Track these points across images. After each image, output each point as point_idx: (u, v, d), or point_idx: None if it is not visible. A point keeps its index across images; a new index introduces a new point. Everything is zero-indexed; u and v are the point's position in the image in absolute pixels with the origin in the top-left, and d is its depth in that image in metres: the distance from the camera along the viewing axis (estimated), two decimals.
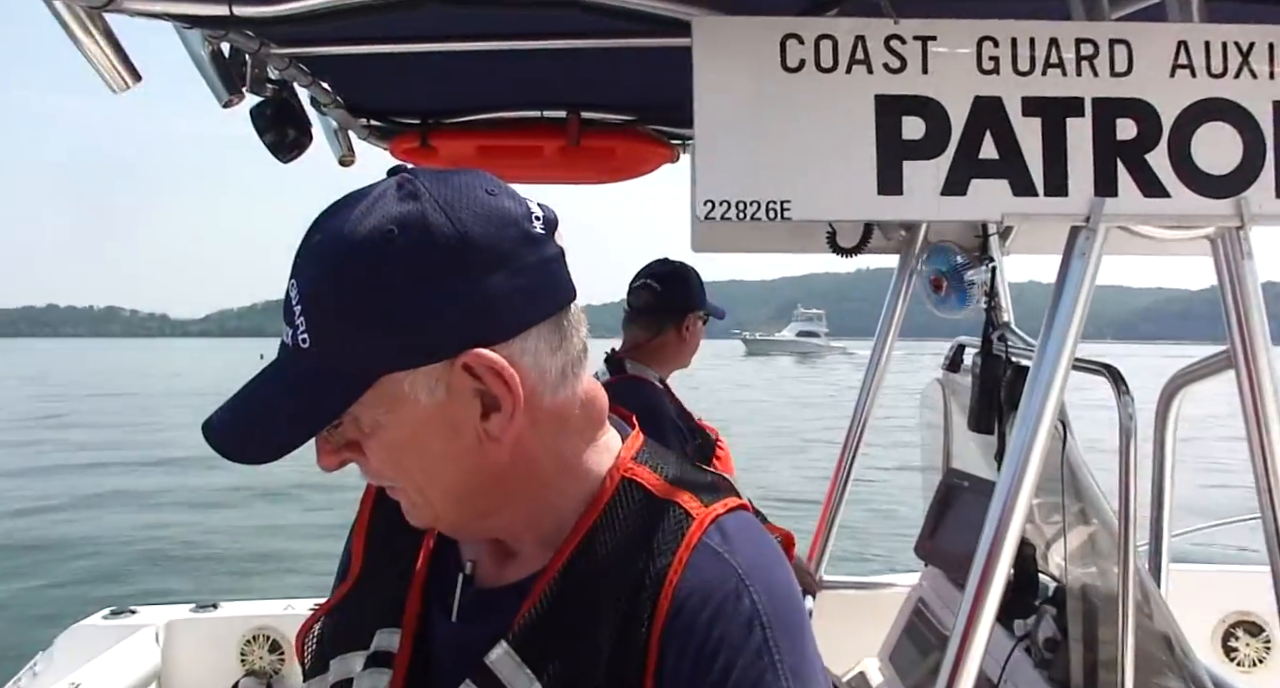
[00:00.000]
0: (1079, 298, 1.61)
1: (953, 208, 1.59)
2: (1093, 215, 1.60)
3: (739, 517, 0.91)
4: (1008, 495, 1.60)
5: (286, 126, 2.22)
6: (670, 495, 0.90)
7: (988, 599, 1.60)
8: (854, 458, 2.92)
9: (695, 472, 0.97)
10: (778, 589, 0.86)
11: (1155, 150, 1.61)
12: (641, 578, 0.84)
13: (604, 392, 0.96)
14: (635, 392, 2.68)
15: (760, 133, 1.57)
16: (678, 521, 0.88)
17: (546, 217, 0.86)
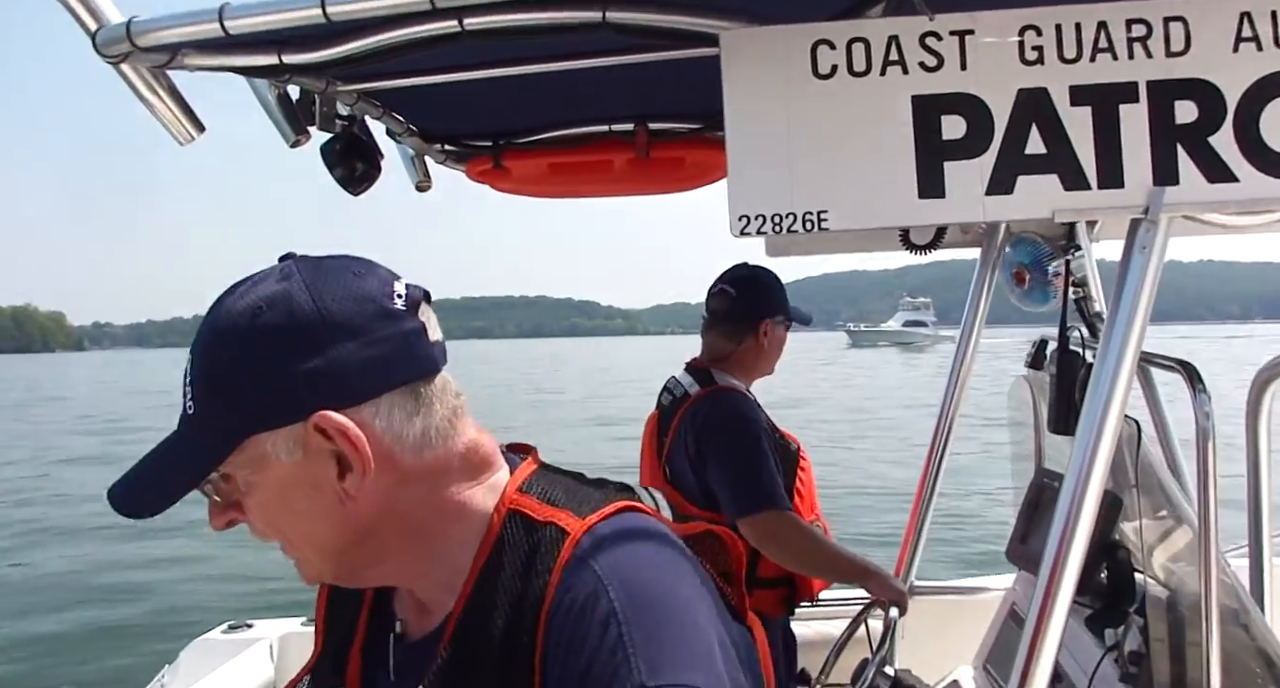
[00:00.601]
0: (1141, 293, 1.53)
1: (999, 208, 1.54)
2: (1152, 206, 1.52)
3: (618, 519, 0.95)
4: (1072, 501, 1.53)
5: (355, 160, 2.29)
6: (550, 517, 0.95)
7: (1053, 614, 1.53)
8: (941, 459, 2.84)
9: (587, 487, 1.02)
10: (639, 584, 0.89)
11: (1219, 132, 1.51)
12: (523, 606, 0.90)
13: (489, 438, 1.02)
14: (729, 403, 2.71)
15: (794, 143, 1.55)
16: (554, 540, 0.93)
17: (409, 295, 0.95)
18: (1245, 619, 1.77)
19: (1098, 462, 1.53)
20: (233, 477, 0.92)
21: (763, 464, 2.59)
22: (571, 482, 1.03)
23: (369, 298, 0.92)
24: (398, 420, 0.93)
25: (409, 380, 0.93)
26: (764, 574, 2.64)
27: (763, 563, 2.62)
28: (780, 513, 2.56)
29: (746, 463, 2.61)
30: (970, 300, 2.75)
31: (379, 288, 0.94)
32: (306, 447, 0.90)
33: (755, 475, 2.59)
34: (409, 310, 0.95)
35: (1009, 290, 2.50)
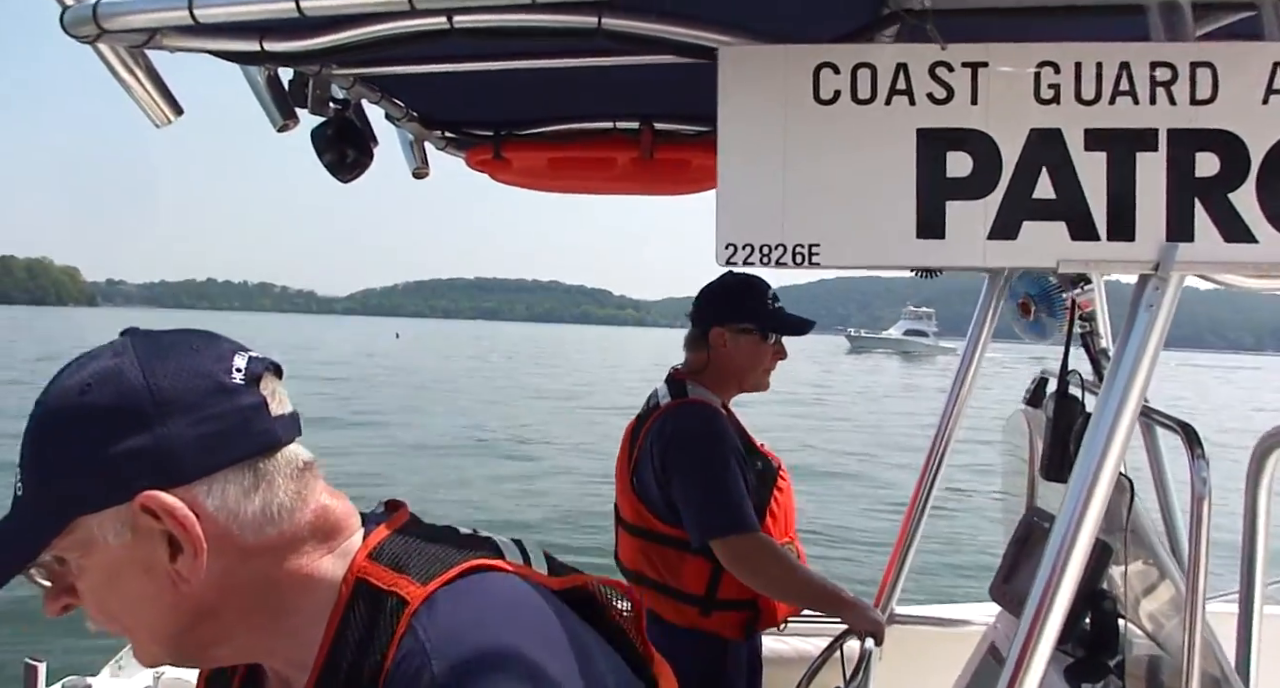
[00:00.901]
0: (1146, 351, 1.45)
1: (1001, 253, 1.45)
2: (1163, 262, 1.43)
3: (463, 582, 0.92)
4: (1059, 552, 1.45)
5: (346, 147, 2.22)
6: (393, 586, 0.91)
7: (1031, 665, 1.46)
8: (932, 485, 2.76)
9: (445, 546, 0.97)
10: (467, 652, 0.86)
11: (1241, 189, 1.42)
12: (366, 680, 0.88)
13: (340, 505, 0.99)
14: (694, 418, 2.61)
15: (788, 171, 1.46)
16: (394, 611, 0.89)
17: (249, 369, 0.91)
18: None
19: (1088, 516, 1.45)
20: (66, 560, 0.89)
21: (730, 483, 2.49)
22: (430, 541, 0.99)
23: (204, 373, 0.90)
24: (233, 498, 0.89)
25: (245, 457, 0.90)
26: (725, 596, 2.56)
27: (724, 585, 2.54)
28: (751, 536, 2.46)
29: (712, 482, 2.51)
30: (973, 328, 2.66)
31: (215, 363, 0.91)
32: (135, 528, 0.87)
33: (722, 496, 2.48)
34: (247, 385, 0.91)
35: (1013, 321, 2.41)
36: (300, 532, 0.94)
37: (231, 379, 0.91)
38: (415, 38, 1.59)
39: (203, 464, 0.88)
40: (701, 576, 2.54)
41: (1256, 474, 1.83)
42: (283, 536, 0.92)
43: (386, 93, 2.41)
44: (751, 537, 2.45)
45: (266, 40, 1.63)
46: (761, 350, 2.72)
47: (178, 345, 0.92)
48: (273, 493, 0.92)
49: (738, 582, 2.50)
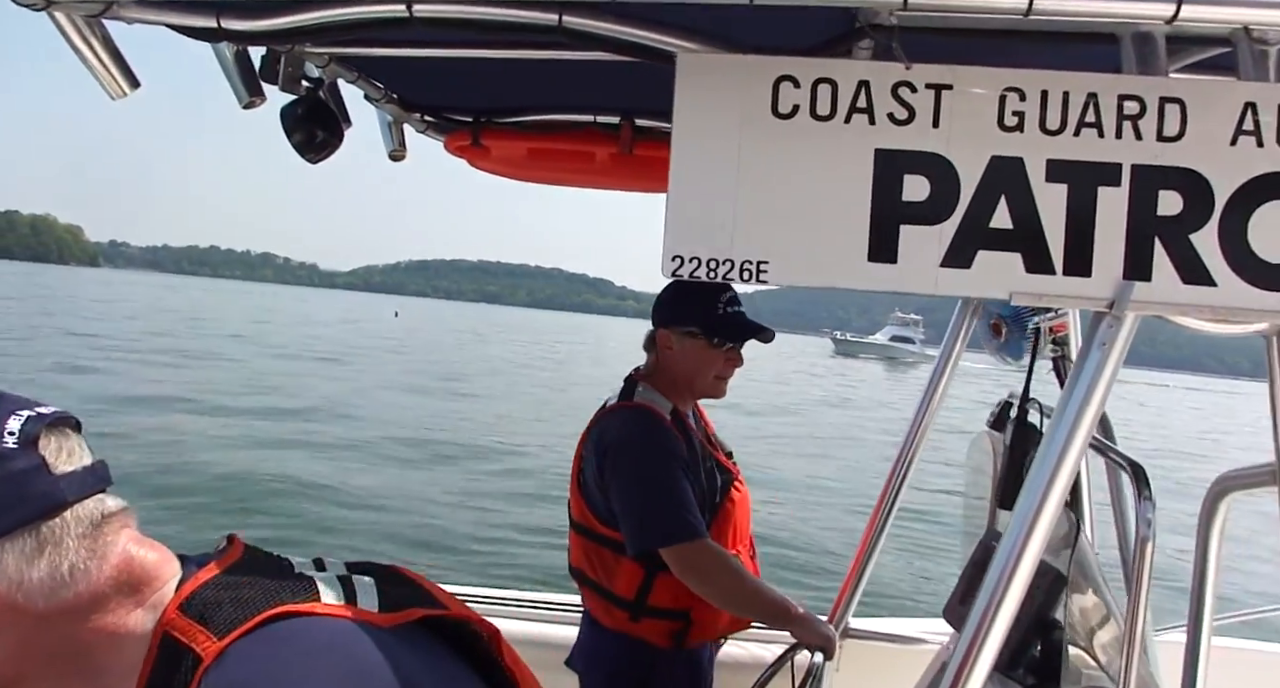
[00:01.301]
0: (1096, 391, 1.41)
1: (953, 281, 1.42)
2: (1118, 301, 1.40)
3: (260, 633, 0.89)
4: (999, 578, 1.43)
5: (316, 127, 2.18)
6: (191, 641, 0.89)
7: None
8: (895, 499, 2.73)
9: (262, 590, 0.94)
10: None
11: (1203, 230, 1.39)
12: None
13: (150, 555, 0.95)
14: (630, 423, 2.57)
15: (741, 184, 1.43)
16: (189, 669, 0.87)
17: (23, 431, 0.87)
18: None
19: (1030, 545, 1.42)
20: None
21: (671, 488, 2.43)
22: (247, 585, 0.96)
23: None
24: (13, 566, 0.86)
25: (21, 523, 0.87)
26: (655, 604, 2.51)
27: (656, 592, 2.50)
28: (699, 543, 2.41)
29: (652, 489, 2.46)
30: (946, 342, 2.62)
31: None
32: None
33: (663, 502, 2.43)
34: (22, 448, 0.88)
35: (985, 342, 2.38)
36: (102, 589, 0.91)
37: (3, 443, 0.87)
38: (375, 24, 1.56)
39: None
40: (634, 581, 2.51)
41: (1209, 517, 1.80)
42: (80, 597, 0.89)
43: (364, 73, 2.37)
44: (699, 544, 2.41)
45: (224, 18, 1.59)
46: (709, 355, 2.62)
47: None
48: (61, 555, 0.88)
49: (671, 591, 2.47)
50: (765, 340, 2.64)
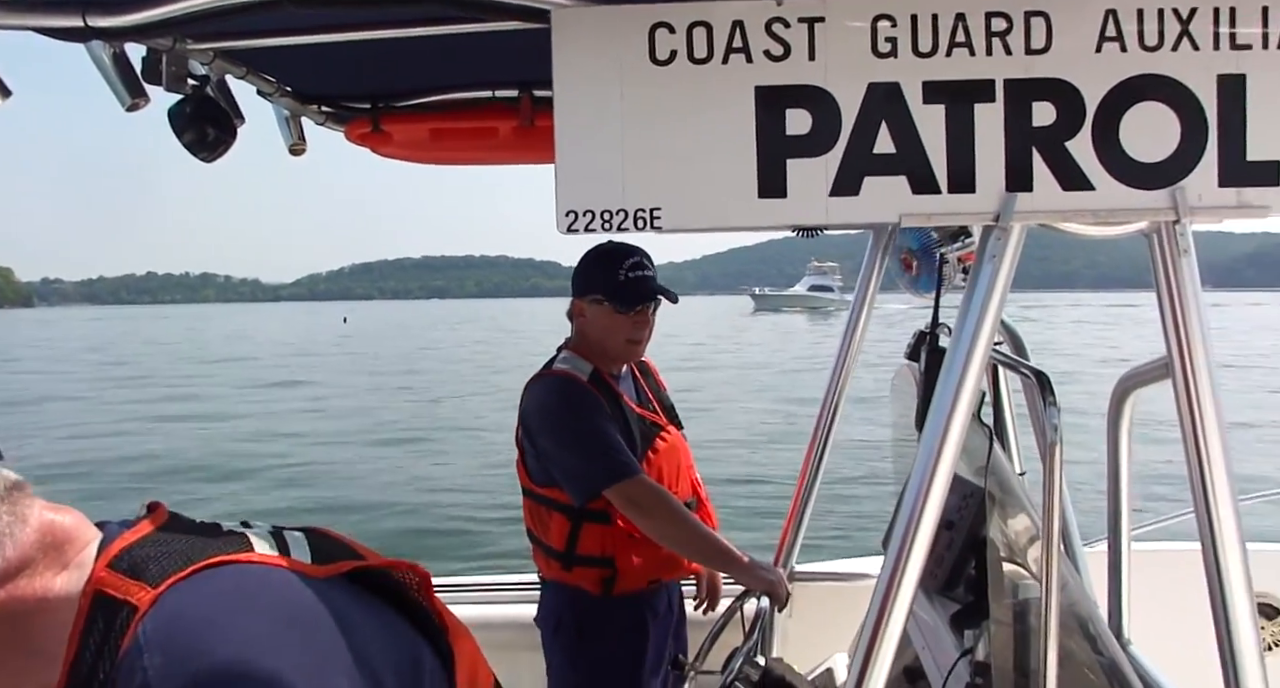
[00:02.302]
0: (991, 302, 1.46)
1: (844, 210, 1.45)
2: (1003, 213, 1.44)
3: (189, 581, 0.90)
4: (916, 499, 1.47)
5: (206, 125, 2.14)
6: (126, 594, 0.89)
7: (892, 615, 1.48)
8: (826, 441, 2.77)
9: (194, 546, 0.95)
10: (183, 647, 0.84)
11: (1077, 137, 1.43)
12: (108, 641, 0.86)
13: (67, 519, 0.95)
14: (546, 390, 2.70)
15: (627, 135, 1.44)
16: (125, 619, 0.87)
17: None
18: (1093, 630, 1.74)
19: (943, 458, 1.47)
20: None
21: (599, 437, 2.56)
22: (179, 542, 0.96)
23: None
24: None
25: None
26: (582, 552, 2.66)
27: (582, 542, 2.64)
28: (637, 480, 2.54)
29: (581, 442, 2.58)
30: (860, 284, 2.66)
31: None
32: None
33: (594, 450, 2.55)
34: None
35: (897, 276, 2.43)
36: (27, 553, 0.90)
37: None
38: (246, 9, 1.54)
39: None
40: (563, 532, 2.66)
41: (1116, 415, 1.86)
42: (9, 563, 0.89)
43: (252, 68, 2.34)
44: (636, 480, 2.54)
45: (90, 15, 1.55)
46: (616, 321, 2.70)
47: None
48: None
49: (597, 540, 2.63)
50: (672, 301, 2.77)
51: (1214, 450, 1.43)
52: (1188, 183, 1.43)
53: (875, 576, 2.81)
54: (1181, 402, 1.45)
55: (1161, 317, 1.47)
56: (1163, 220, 1.44)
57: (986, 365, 1.48)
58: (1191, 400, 1.44)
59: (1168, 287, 1.46)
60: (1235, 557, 1.42)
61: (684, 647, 2.83)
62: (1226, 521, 1.42)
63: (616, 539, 2.62)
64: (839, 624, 2.64)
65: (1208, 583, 1.46)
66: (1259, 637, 1.47)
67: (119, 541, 0.96)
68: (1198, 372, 1.44)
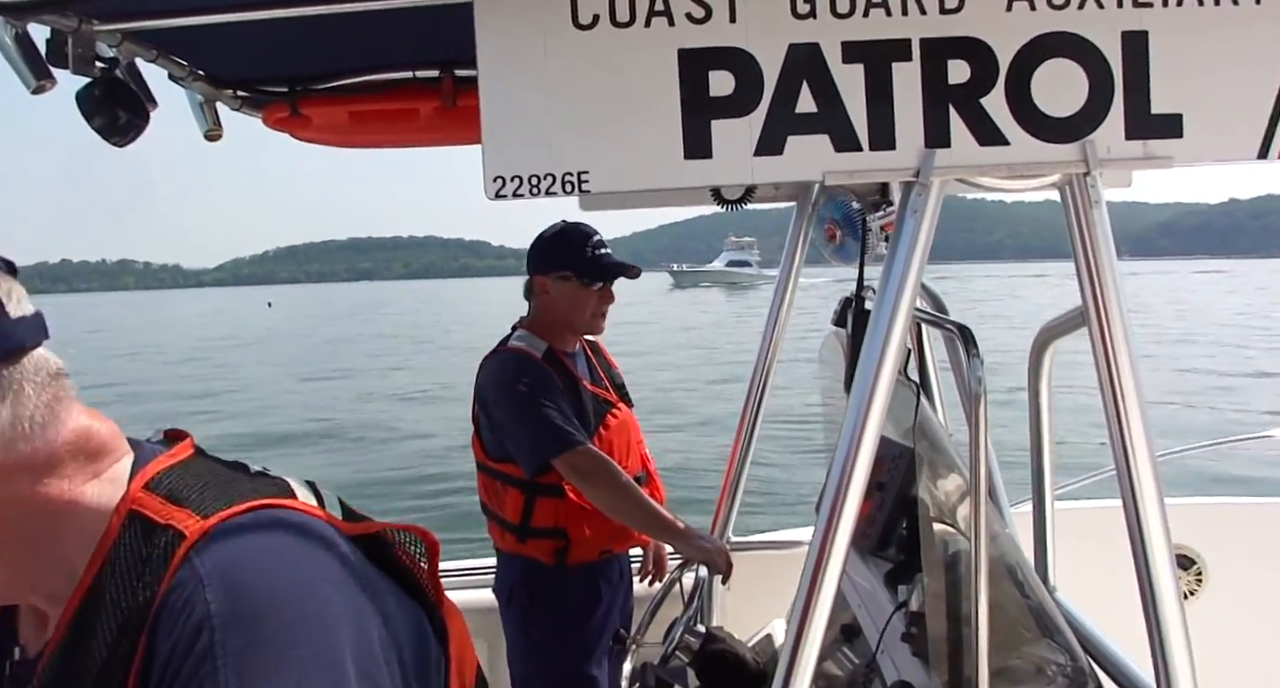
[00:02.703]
0: (914, 256, 1.50)
1: (768, 169, 1.47)
2: (923, 169, 1.48)
3: (246, 517, 0.87)
4: (845, 458, 1.51)
5: (117, 109, 2.08)
6: (170, 519, 0.86)
7: (826, 571, 1.51)
8: (758, 412, 2.82)
9: (234, 482, 0.92)
10: (248, 585, 0.81)
11: (991, 94, 1.48)
12: (131, 614, 0.82)
13: (104, 427, 0.92)
14: (501, 366, 2.77)
15: (551, 99, 1.44)
16: (169, 544, 0.84)
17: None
18: (1020, 577, 1.80)
19: (871, 415, 1.50)
20: None
21: (549, 411, 2.64)
22: (218, 476, 0.93)
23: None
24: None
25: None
26: (537, 524, 2.73)
27: (536, 515, 2.72)
28: (584, 450, 2.62)
29: (532, 416, 2.65)
30: (785, 254, 2.71)
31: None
32: None
33: (544, 423, 2.63)
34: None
35: (821, 246, 2.47)
36: (57, 451, 0.86)
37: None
38: None
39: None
40: (518, 505, 2.73)
41: (1036, 367, 1.92)
42: (37, 453, 0.85)
43: (163, 50, 2.28)
44: (584, 449, 2.62)
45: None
46: (583, 296, 2.82)
47: None
48: (21, 405, 0.84)
49: (550, 513, 2.69)
50: (632, 277, 2.88)
51: (1129, 392, 1.49)
52: (1096, 136, 1.48)
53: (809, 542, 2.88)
54: (1098, 347, 1.51)
55: (1076, 267, 1.52)
56: (1074, 173, 1.50)
57: (911, 321, 1.52)
58: (1107, 346, 1.50)
59: (1081, 237, 1.51)
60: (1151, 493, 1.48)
61: (629, 620, 2.87)
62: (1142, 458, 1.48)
63: (569, 512, 2.69)
64: (776, 591, 2.67)
65: (1128, 529, 1.52)
66: (1178, 585, 1.53)
67: (155, 463, 0.92)
68: (1112, 318, 1.50)
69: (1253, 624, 2.89)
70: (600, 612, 2.79)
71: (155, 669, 0.78)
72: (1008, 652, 1.68)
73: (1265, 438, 5.11)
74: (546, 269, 2.84)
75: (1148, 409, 1.50)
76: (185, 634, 0.78)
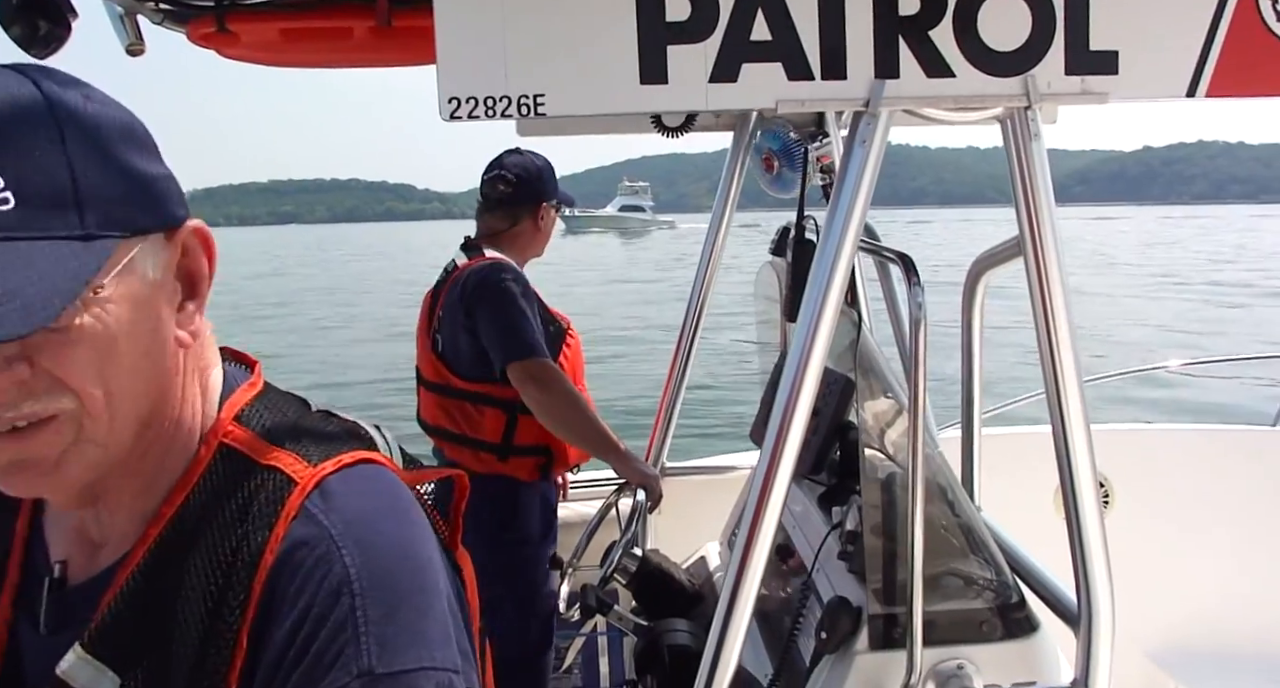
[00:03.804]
0: (861, 185, 1.54)
1: (722, 96, 1.49)
2: (873, 99, 1.51)
3: (355, 471, 0.83)
4: (792, 383, 1.55)
5: (37, 17, 1.99)
6: (273, 460, 0.81)
7: (774, 487, 1.56)
8: (693, 341, 2.88)
9: (314, 423, 0.88)
10: (381, 548, 0.78)
11: (939, 27, 1.51)
12: (235, 559, 0.76)
13: (209, 330, 0.86)
14: (496, 270, 2.78)
15: (508, 21, 1.43)
16: (278, 489, 0.79)
17: None
18: (951, 496, 1.89)
19: (817, 342, 1.55)
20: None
21: (527, 321, 2.70)
22: (296, 414, 0.88)
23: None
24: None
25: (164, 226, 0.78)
26: (520, 441, 2.77)
27: (520, 430, 2.76)
28: (544, 362, 2.67)
29: (513, 318, 2.70)
30: (722, 185, 2.74)
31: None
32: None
33: (520, 328, 2.69)
34: None
35: (759, 176, 2.50)
36: (199, 329, 0.82)
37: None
38: None
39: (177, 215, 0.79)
40: (498, 425, 2.77)
41: (970, 296, 1.99)
42: (194, 335, 0.81)
43: None
44: (544, 362, 2.67)
45: None
46: (554, 222, 3.07)
47: None
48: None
49: (532, 431, 2.74)
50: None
51: (1060, 317, 1.57)
52: (1038, 71, 1.53)
53: (742, 467, 2.97)
54: (1032, 275, 1.57)
55: (1014, 198, 1.58)
56: (1016, 106, 1.54)
57: (857, 249, 1.56)
58: (1041, 273, 1.56)
59: (1020, 168, 1.56)
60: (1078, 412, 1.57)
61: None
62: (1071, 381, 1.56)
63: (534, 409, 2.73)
64: (709, 516, 2.76)
65: (1055, 448, 1.61)
66: (1100, 503, 1.63)
67: (241, 392, 0.87)
68: (1046, 248, 1.56)
69: (1152, 540, 3.08)
70: (552, 530, 2.87)
71: (280, 626, 0.75)
72: (939, 566, 1.76)
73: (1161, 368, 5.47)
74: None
75: (1077, 335, 1.58)
76: (323, 596, 0.74)
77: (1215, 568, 3.33)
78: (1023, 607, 1.77)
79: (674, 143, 2.47)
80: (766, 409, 2.52)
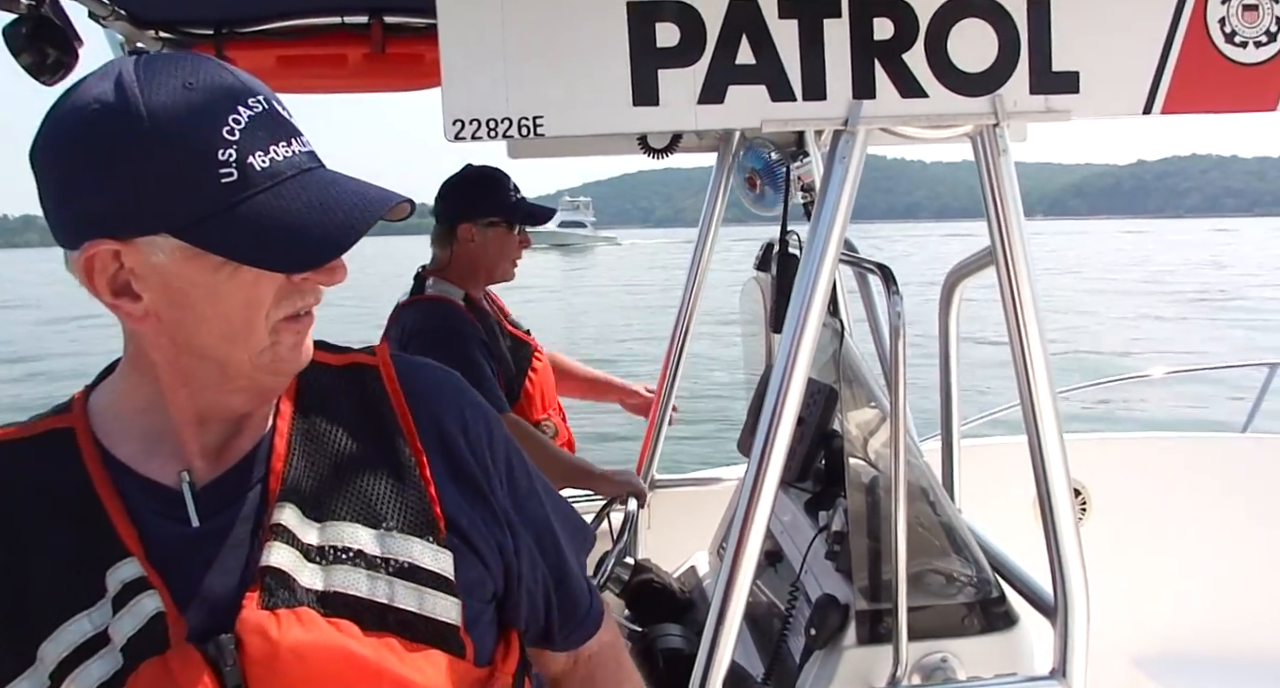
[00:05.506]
0: (841, 201, 1.62)
1: (710, 116, 1.58)
2: (851, 118, 1.60)
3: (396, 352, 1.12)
4: (778, 393, 1.63)
5: (45, 46, 2.06)
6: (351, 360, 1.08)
7: (762, 494, 1.63)
8: (680, 356, 2.95)
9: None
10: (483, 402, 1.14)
11: (912, 50, 1.60)
12: (384, 429, 1.00)
13: None
14: (428, 315, 2.70)
15: (509, 46, 1.52)
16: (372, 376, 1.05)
17: None
18: (932, 498, 1.96)
19: (801, 352, 1.63)
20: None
21: (472, 373, 2.49)
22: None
23: None
24: None
25: None
26: None
27: None
28: (504, 416, 2.59)
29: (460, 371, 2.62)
30: (707, 204, 2.84)
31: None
32: None
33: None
34: None
35: (742, 195, 2.59)
36: None
37: None
38: None
39: None
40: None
41: (946, 304, 2.08)
42: None
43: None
44: (507, 417, 2.60)
45: None
46: (510, 242, 2.80)
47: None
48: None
49: None
50: (548, 219, 2.92)
51: (1030, 323, 1.66)
52: (1004, 91, 1.63)
53: (729, 479, 3.03)
54: (1004, 283, 1.66)
55: (985, 210, 1.67)
56: (985, 124, 1.64)
57: (838, 262, 1.65)
58: (1012, 282, 1.65)
59: (990, 182, 1.66)
60: (1051, 421, 1.65)
61: None
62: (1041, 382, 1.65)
63: None
64: (698, 527, 2.83)
65: (1030, 455, 1.69)
66: (1073, 500, 1.71)
67: None
68: (1016, 257, 1.65)
69: (1130, 547, 3.17)
70: None
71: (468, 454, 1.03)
72: (922, 564, 1.84)
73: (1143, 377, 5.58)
74: (473, 215, 2.76)
75: (1046, 340, 1.67)
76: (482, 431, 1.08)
77: (1191, 574, 3.42)
78: (1002, 602, 1.85)
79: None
80: (754, 419, 2.59)
